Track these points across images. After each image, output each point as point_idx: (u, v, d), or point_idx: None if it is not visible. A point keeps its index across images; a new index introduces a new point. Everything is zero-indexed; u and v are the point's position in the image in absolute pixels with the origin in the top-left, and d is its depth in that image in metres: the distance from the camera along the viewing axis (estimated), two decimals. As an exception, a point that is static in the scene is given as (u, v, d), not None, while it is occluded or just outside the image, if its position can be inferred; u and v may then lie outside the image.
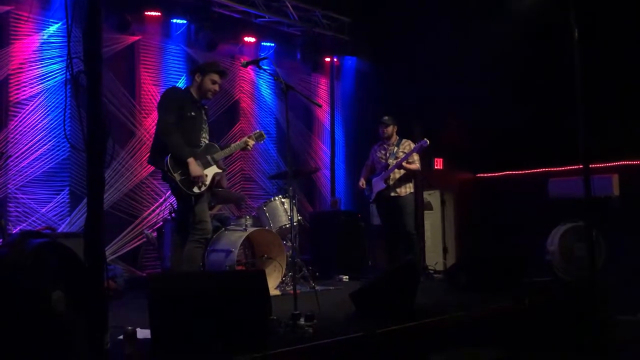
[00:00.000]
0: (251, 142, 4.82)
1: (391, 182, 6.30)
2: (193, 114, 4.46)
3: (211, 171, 4.54)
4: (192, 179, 4.35)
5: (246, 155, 7.80)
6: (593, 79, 5.57)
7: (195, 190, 4.38)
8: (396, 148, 6.39)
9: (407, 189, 6.32)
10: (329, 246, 7.14)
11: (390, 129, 6.45)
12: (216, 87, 4.57)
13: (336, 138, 9.00)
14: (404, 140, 6.46)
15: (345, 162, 9.17)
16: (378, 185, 6.36)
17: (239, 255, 5.45)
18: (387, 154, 6.41)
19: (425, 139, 6.12)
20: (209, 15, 7.21)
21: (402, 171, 6.26)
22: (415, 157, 6.33)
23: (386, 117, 6.47)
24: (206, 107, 4.74)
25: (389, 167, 6.28)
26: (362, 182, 6.56)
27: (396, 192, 6.30)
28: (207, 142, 4.62)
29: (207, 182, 4.48)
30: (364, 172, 6.66)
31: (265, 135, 5.04)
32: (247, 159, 7.92)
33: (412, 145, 6.31)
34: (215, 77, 4.54)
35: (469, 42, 7.33)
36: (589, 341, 4.49)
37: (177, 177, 4.31)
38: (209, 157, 4.56)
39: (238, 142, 4.85)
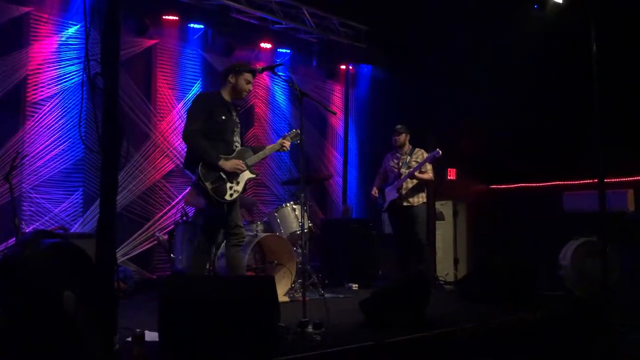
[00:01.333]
0: (287, 143, 4.68)
1: (403, 192, 6.29)
2: (224, 117, 4.36)
3: (244, 177, 4.42)
4: (230, 175, 4.27)
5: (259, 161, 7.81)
6: (611, 92, 5.53)
7: (227, 197, 4.29)
8: (409, 157, 6.38)
9: (420, 199, 6.31)
10: (339, 254, 7.12)
11: (402, 137, 6.44)
12: (250, 87, 4.51)
13: (349, 145, 9.00)
14: (416, 150, 6.45)
15: (357, 170, 9.16)
16: (390, 194, 6.35)
17: (249, 261, 5.45)
18: (400, 163, 6.40)
19: (437, 149, 6.10)
20: (226, 20, 7.25)
21: (415, 181, 6.25)
22: (429, 166, 6.31)
23: (399, 126, 6.47)
24: (239, 107, 4.65)
25: (402, 177, 6.28)
26: (374, 191, 6.55)
27: (408, 202, 6.29)
28: (239, 146, 4.51)
29: (240, 188, 4.39)
30: (376, 181, 6.66)
31: (301, 135, 4.83)
32: (259, 164, 7.87)
33: (425, 155, 6.29)
34: (249, 76, 4.48)
35: (486, 51, 7.31)
36: (600, 359, 4.43)
37: (208, 186, 4.22)
38: (243, 162, 4.44)
39: (272, 144, 4.71)
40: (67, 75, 6.16)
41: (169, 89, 7.09)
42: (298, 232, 5.72)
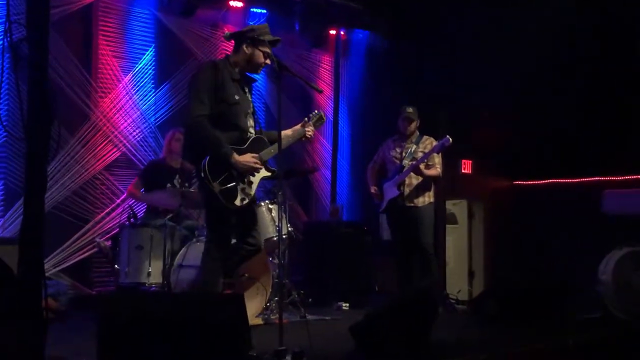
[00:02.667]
0: (311, 131, 4.59)
1: (406, 189, 6.31)
2: (237, 97, 4.27)
3: (258, 176, 4.35)
4: (243, 175, 4.21)
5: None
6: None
7: (237, 202, 4.21)
8: (414, 146, 6.40)
9: (426, 198, 6.34)
10: (326, 265, 7.14)
11: (414, 125, 6.45)
12: (268, 61, 4.40)
13: (340, 131, 9.01)
14: (424, 138, 6.47)
15: (349, 161, 9.18)
16: (390, 191, 6.37)
17: (213, 274, 5.43)
18: (403, 154, 6.42)
19: (447, 136, 6.12)
20: (185, -29, 7.23)
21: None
22: (437, 159, 6.34)
23: (410, 109, 6.43)
24: (254, 81, 4.55)
25: (404, 170, 6.30)
26: (374, 189, 6.54)
27: (412, 202, 6.31)
28: (253, 133, 4.42)
29: (252, 192, 4.30)
30: (370, 173, 6.66)
31: (325, 118, 4.78)
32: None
33: (435, 143, 6.33)
34: (268, 49, 4.38)
35: (515, 15, 7.34)
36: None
37: (216, 187, 4.13)
38: (259, 157, 4.36)
39: (292, 130, 4.58)
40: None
41: (113, 57, 7.05)
42: (275, 239, 5.72)
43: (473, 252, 8.36)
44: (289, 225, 5.89)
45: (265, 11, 8.22)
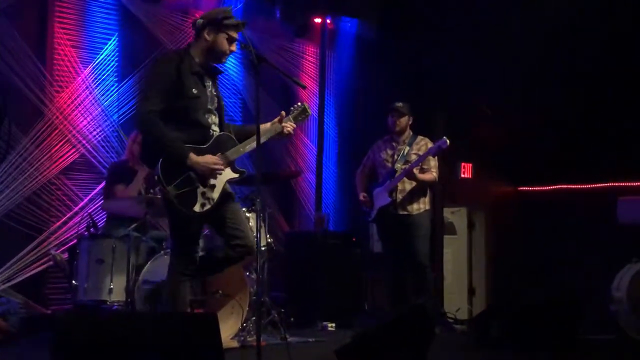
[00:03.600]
0: (290, 127, 4.50)
1: (399, 195, 6.32)
2: (195, 91, 4.23)
3: (222, 178, 4.30)
4: (203, 178, 4.19)
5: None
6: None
7: (197, 209, 4.18)
8: (407, 148, 6.42)
9: (421, 205, 6.36)
10: (310, 281, 7.13)
11: (404, 120, 6.47)
12: (234, 47, 4.38)
13: (326, 130, 9.01)
14: (419, 138, 6.49)
15: (336, 164, 9.18)
16: (381, 198, 6.38)
17: (183, 290, 5.41)
18: (395, 156, 6.43)
19: (444, 138, 6.15)
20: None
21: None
22: (432, 162, 6.36)
23: (399, 104, 6.48)
24: (219, 73, 4.53)
25: (397, 175, 6.31)
26: (363, 196, 6.54)
27: (405, 209, 6.32)
28: (217, 130, 4.37)
29: (216, 196, 4.26)
30: (360, 178, 6.67)
31: (309, 111, 4.66)
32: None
33: (430, 146, 6.33)
34: (233, 32, 4.34)
35: (519, 5, 7.38)
36: None
37: (171, 190, 4.10)
38: (222, 158, 4.31)
39: (268, 125, 4.49)
40: None
41: (71, 47, 7.01)
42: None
43: (473, 266, 8.40)
44: (268, 236, 5.88)
45: (242, -4, 8.21)
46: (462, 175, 8.48)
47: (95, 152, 7.03)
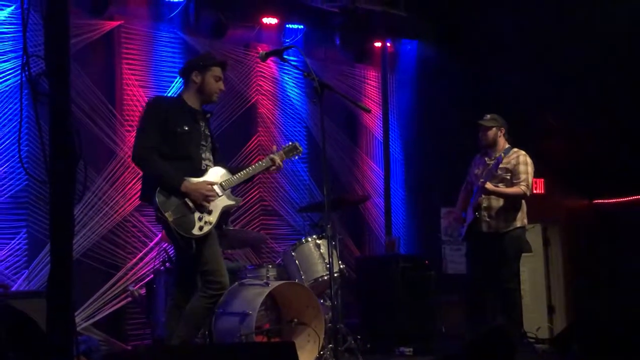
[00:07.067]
0: (278, 160, 4.81)
1: (484, 213, 6.11)
2: (186, 128, 4.55)
3: (219, 204, 4.58)
4: (197, 202, 4.43)
5: (266, 179, 7.84)
6: None
7: (196, 232, 4.43)
8: (495, 162, 6.12)
9: (512, 223, 6.09)
10: (384, 306, 7.07)
11: (491, 133, 6.19)
12: (221, 85, 4.70)
13: (391, 153, 8.98)
14: (513, 151, 6.18)
15: (404, 187, 9.12)
16: (469, 215, 6.21)
17: (259, 320, 5.43)
18: (483, 171, 6.20)
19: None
20: (213, -12, 7.36)
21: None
22: (522, 174, 6.04)
23: (487, 116, 6.24)
24: (209, 114, 4.82)
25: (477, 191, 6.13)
26: (456, 213, 6.38)
27: (490, 227, 6.10)
28: (210, 165, 4.67)
29: (214, 219, 4.53)
30: (461, 196, 6.44)
31: (301, 148, 5.05)
32: (267, 184, 7.96)
33: (524, 158, 6.09)
34: (218, 70, 4.66)
35: (585, 8, 7.25)
36: None
37: (169, 217, 4.38)
38: (215, 185, 4.60)
39: (259, 161, 4.85)
40: (0, 76, 6.26)
41: (139, 86, 7.16)
42: (325, 278, 5.69)
43: (552, 284, 8.22)
44: (340, 262, 5.85)
45: (302, 26, 8.30)
46: (534, 191, 8.32)
47: (166, 187, 7.14)
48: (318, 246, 5.86)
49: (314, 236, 5.95)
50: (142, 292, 6.24)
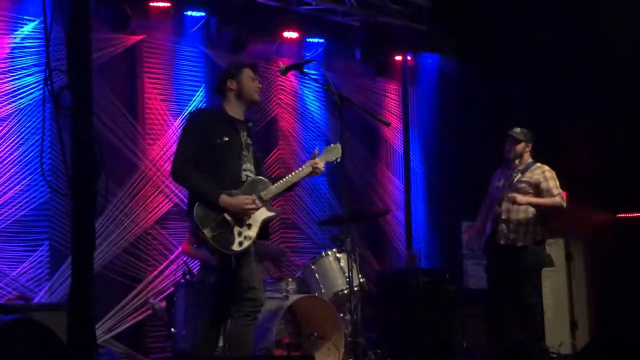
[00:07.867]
0: (321, 164, 4.64)
1: (502, 225, 6.04)
2: (226, 139, 4.46)
3: (258, 218, 4.45)
4: (237, 216, 4.35)
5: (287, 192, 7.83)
6: None
7: (236, 247, 4.34)
8: (519, 175, 6.10)
9: (531, 236, 6.02)
10: (404, 320, 7.03)
11: (520, 147, 6.14)
12: (257, 83, 4.64)
13: (412, 166, 8.97)
14: (536, 166, 6.15)
15: (425, 201, 9.09)
16: (487, 228, 6.19)
17: (279, 334, 5.43)
18: (505, 184, 6.15)
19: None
20: (234, 4, 7.38)
21: (521, 207, 5.99)
22: (552, 182, 6.04)
23: (517, 130, 6.19)
24: (251, 123, 4.75)
25: (504, 202, 6.06)
26: (477, 227, 6.35)
27: (509, 240, 6.02)
28: (252, 175, 4.57)
29: (253, 234, 4.43)
30: (482, 209, 6.39)
31: (341, 152, 4.73)
32: (288, 197, 7.95)
33: (550, 174, 6.08)
34: (249, 71, 4.61)
35: (606, 20, 7.21)
36: None
37: (207, 234, 4.29)
38: (254, 197, 4.47)
39: (301, 168, 4.66)
40: (24, 90, 6.32)
41: (161, 100, 7.21)
42: (345, 292, 5.68)
43: (574, 299, 8.12)
44: (360, 275, 5.84)
45: (322, 40, 8.33)
46: (556, 205, 8.27)
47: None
48: (338, 260, 5.86)
49: (334, 249, 5.95)
50: (162, 305, 6.25)
